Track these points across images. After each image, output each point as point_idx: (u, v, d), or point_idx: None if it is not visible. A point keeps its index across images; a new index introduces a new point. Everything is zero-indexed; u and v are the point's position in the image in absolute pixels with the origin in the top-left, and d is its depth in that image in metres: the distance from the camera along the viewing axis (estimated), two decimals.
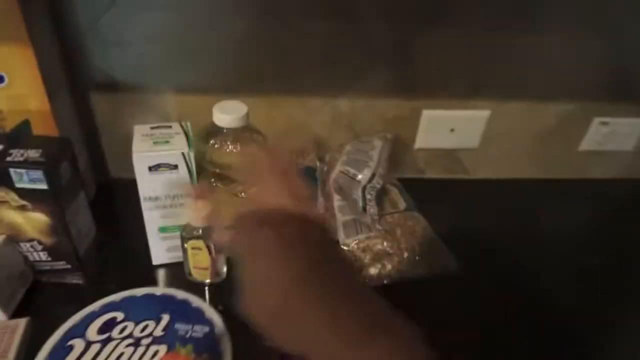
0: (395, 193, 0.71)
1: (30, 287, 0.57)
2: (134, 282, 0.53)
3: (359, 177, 0.68)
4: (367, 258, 0.59)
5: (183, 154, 0.54)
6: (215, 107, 0.55)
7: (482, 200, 0.80)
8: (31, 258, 0.56)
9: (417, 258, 0.61)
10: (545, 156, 0.86)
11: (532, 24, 0.70)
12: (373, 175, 0.68)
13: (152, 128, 0.58)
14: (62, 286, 0.58)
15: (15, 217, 0.52)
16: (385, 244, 0.59)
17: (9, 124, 0.58)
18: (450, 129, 0.80)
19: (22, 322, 0.51)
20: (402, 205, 0.69)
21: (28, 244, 0.54)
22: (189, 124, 0.59)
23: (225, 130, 0.56)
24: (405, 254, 0.61)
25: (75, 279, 0.58)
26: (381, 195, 0.69)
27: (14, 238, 0.54)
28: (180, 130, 0.58)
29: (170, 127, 0.58)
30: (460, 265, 0.63)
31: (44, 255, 0.55)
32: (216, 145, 0.56)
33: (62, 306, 0.50)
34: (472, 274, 0.62)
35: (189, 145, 0.55)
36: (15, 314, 0.53)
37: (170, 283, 0.60)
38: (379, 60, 0.72)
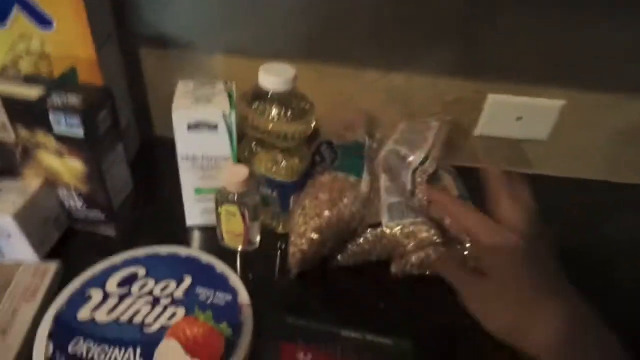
0: (448, 180, 0.65)
1: (64, 233, 0.56)
2: (166, 241, 0.52)
3: (411, 158, 0.63)
4: (410, 245, 0.54)
5: (224, 114, 0.51)
6: (262, 68, 0.52)
7: (544, 199, 0.72)
8: (67, 204, 0.55)
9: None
10: (624, 158, 0.76)
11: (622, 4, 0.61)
12: (426, 158, 0.63)
13: (195, 85, 0.55)
14: (95, 236, 0.58)
15: (54, 163, 0.52)
16: (432, 232, 0.53)
17: (57, 71, 0.57)
18: (517, 117, 0.72)
19: (53, 266, 0.51)
20: (454, 193, 0.63)
21: (65, 190, 0.54)
22: (233, 84, 0.56)
23: (270, 94, 0.52)
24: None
25: (108, 231, 0.57)
26: (433, 181, 0.63)
27: (52, 183, 0.54)
28: (223, 90, 0.55)
29: (215, 85, 0.56)
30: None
31: (79, 203, 0.55)
32: (260, 109, 0.53)
33: (93, 256, 0.49)
34: None
35: (232, 106, 0.52)
36: (47, 257, 0.53)
37: (202, 247, 0.58)
38: (445, 35, 0.65)
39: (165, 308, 0.38)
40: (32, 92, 0.48)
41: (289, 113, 0.52)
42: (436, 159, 0.64)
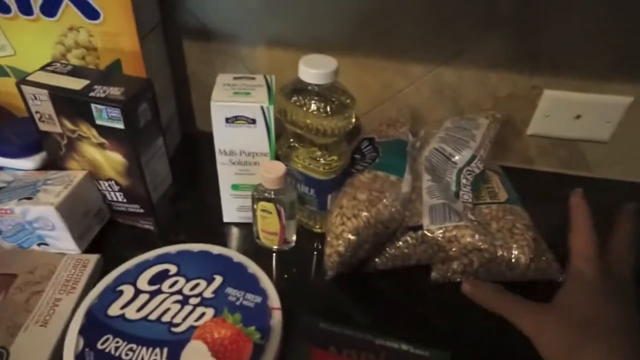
0: (496, 181, 0.61)
1: (105, 225, 0.57)
2: (202, 236, 0.51)
3: (456, 157, 0.59)
4: (452, 250, 0.51)
5: (262, 107, 0.50)
6: (302, 60, 0.50)
7: (603, 205, 0.66)
8: (108, 197, 0.56)
9: (512, 259, 0.51)
10: None
11: None
12: (473, 158, 0.59)
13: (235, 78, 0.54)
14: (135, 229, 0.58)
15: (96, 155, 0.52)
16: (476, 237, 0.50)
17: (104, 63, 0.58)
18: (575, 115, 0.67)
19: (93, 258, 0.52)
20: (503, 196, 0.59)
21: (106, 183, 0.55)
22: (273, 77, 0.55)
23: (310, 87, 0.50)
24: (499, 252, 0.52)
25: (148, 225, 0.58)
26: (479, 182, 0.59)
27: (94, 175, 0.54)
28: (263, 83, 0.54)
29: (254, 78, 0.54)
30: (565, 277, 0.52)
31: (120, 196, 0.55)
32: (298, 103, 0.51)
33: (132, 249, 0.49)
34: None
35: (270, 100, 0.50)
36: (88, 250, 0.54)
37: (238, 244, 0.58)
38: (498, 24, 0.61)
39: (194, 308, 0.37)
40: (77, 84, 0.49)
41: (329, 107, 0.50)
42: (484, 159, 0.60)
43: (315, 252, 0.57)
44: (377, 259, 0.54)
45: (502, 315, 0.43)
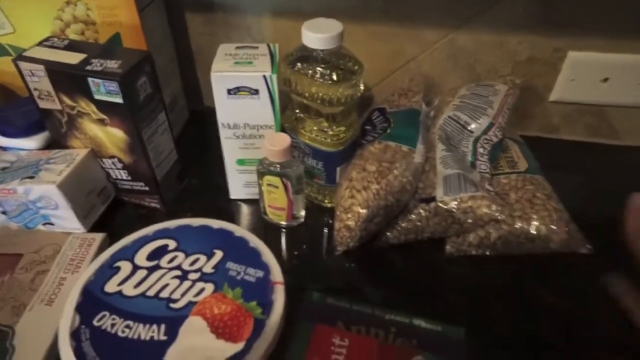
0: (515, 151, 0.58)
1: (111, 204, 0.57)
2: (209, 214, 0.49)
3: (472, 126, 0.56)
4: (467, 221, 0.48)
5: (265, 77, 0.48)
6: (305, 25, 0.47)
7: (633, 175, 0.63)
8: (112, 175, 0.55)
9: (532, 231, 0.48)
10: None
11: None
12: (490, 126, 0.56)
13: (237, 48, 0.52)
14: (141, 207, 0.58)
15: (97, 132, 0.51)
16: (493, 207, 0.47)
17: (102, 38, 0.57)
18: (602, 79, 0.62)
19: (98, 237, 0.51)
20: (523, 165, 0.55)
21: (109, 161, 0.53)
22: (276, 46, 0.52)
23: (314, 53, 0.48)
24: (519, 224, 0.49)
25: (154, 203, 0.57)
26: (497, 151, 0.56)
27: (97, 153, 0.53)
28: (266, 51, 0.51)
29: (257, 47, 0.52)
30: (590, 249, 0.49)
31: (124, 174, 0.54)
32: (303, 71, 0.48)
33: (138, 227, 0.48)
34: (601, 261, 0.48)
35: (273, 69, 0.48)
36: (94, 228, 0.53)
37: (245, 220, 0.56)
38: None
39: (193, 283, 0.36)
40: (74, 59, 0.48)
41: (335, 74, 0.47)
42: (502, 127, 0.56)
43: (325, 227, 0.55)
44: (388, 233, 0.51)
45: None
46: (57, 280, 0.46)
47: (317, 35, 0.46)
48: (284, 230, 0.55)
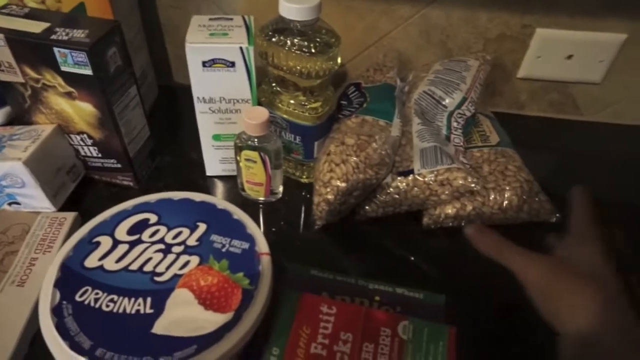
0: (487, 125, 0.59)
1: (81, 182, 0.54)
2: (185, 190, 0.49)
3: (446, 100, 0.57)
4: (444, 193, 0.49)
5: (241, 48, 0.47)
6: None
7: (595, 149, 0.66)
8: (82, 152, 0.53)
9: (505, 201, 0.50)
10: None
11: None
12: (463, 100, 0.57)
13: (210, 19, 0.51)
14: (113, 186, 0.56)
15: (64, 106, 0.49)
16: (469, 179, 0.49)
17: (65, 7, 0.54)
18: (567, 56, 0.64)
19: (70, 216, 0.49)
20: (494, 139, 0.57)
21: (78, 137, 0.51)
22: (252, 18, 0.51)
23: (292, 25, 0.47)
24: (492, 196, 0.50)
25: (126, 180, 0.55)
26: (470, 125, 0.57)
27: (64, 129, 0.51)
28: (242, 23, 0.50)
29: (232, 19, 0.51)
30: (558, 218, 0.52)
31: (94, 151, 0.52)
32: (280, 43, 0.48)
33: (111, 205, 0.47)
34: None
35: (250, 41, 0.47)
36: (64, 208, 0.51)
37: (223, 197, 0.55)
38: None
39: (177, 256, 0.35)
40: (36, 27, 0.45)
41: (312, 46, 0.47)
42: (475, 102, 0.58)
43: (303, 203, 0.55)
44: (367, 207, 0.52)
45: (497, 261, 0.41)
46: (27, 261, 0.44)
47: (295, 6, 0.45)
48: (261, 206, 0.55)
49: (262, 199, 0.54)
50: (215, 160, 0.56)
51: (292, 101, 0.52)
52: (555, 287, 0.35)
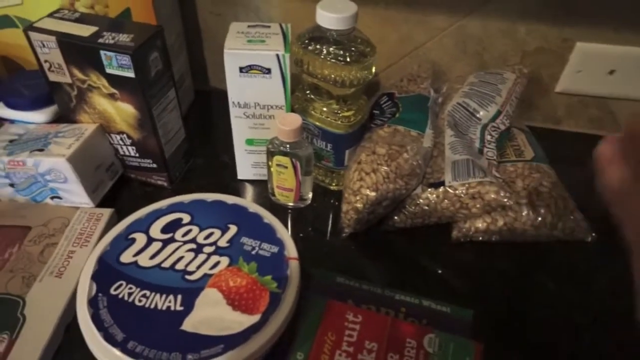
0: (522, 139, 0.58)
1: (118, 180, 0.56)
2: (216, 193, 0.50)
3: (481, 113, 0.56)
4: (475, 207, 0.49)
5: (278, 55, 0.48)
6: (319, 4, 0.47)
7: None
8: (121, 151, 0.55)
9: (538, 218, 0.49)
10: None
11: None
12: (498, 113, 0.56)
13: (249, 26, 0.52)
14: (147, 185, 0.58)
15: (107, 106, 0.51)
16: (502, 193, 0.48)
17: (112, 12, 0.56)
18: (609, 71, 0.63)
19: (106, 212, 0.51)
20: (529, 154, 0.56)
21: (118, 136, 0.53)
22: (289, 25, 0.52)
23: (328, 34, 0.48)
24: (525, 211, 0.49)
25: (160, 180, 0.57)
26: (504, 139, 0.56)
27: (106, 129, 0.53)
28: (279, 31, 0.51)
29: (269, 27, 0.52)
30: (594, 238, 0.50)
31: (132, 150, 0.54)
32: (316, 52, 0.48)
33: (145, 204, 0.48)
34: (605, 250, 0.49)
35: (286, 48, 0.48)
36: (101, 204, 0.53)
37: (253, 201, 0.56)
38: None
39: (208, 256, 0.36)
40: (85, 31, 0.47)
41: (348, 55, 0.47)
42: (510, 115, 0.57)
43: (332, 210, 0.56)
44: (395, 217, 0.52)
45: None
46: (66, 253, 0.46)
47: (332, 15, 0.46)
48: (290, 211, 0.55)
49: (291, 204, 0.55)
50: (247, 164, 0.57)
51: (325, 109, 0.52)
52: None
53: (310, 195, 0.56)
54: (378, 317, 0.36)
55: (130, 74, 0.46)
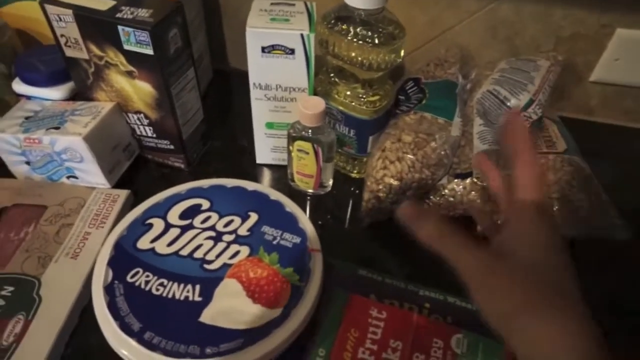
0: (554, 130, 0.56)
1: (135, 161, 0.55)
2: (234, 177, 0.48)
3: (512, 101, 0.53)
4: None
5: (302, 35, 0.45)
6: None
7: None
8: (138, 132, 0.54)
9: (570, 213, 0.47)
10: None
11: None
12: (531, 102, 0.53)
13: (272, 4, 0.49)
14: (164, 167, 0.56)
15: (124, 84, 0.49)
16: None
17: None
18: None
19: (123, 193, 0.50)
20: (561, 146, 0.53)
21: (135, 116, 0.52)
22: (314, 4, 0.50)
23: (356, 14, 0.45)
24: (556, 206, 0.47)
25: (178, 162, 0.55)
26: (535, 129, 0.54)
27: (123, 108, 0.52)
28: (304, 9, 0.49)
29: (294, 5, 0.49)
30: (628, 235, 0.48)
31: (149, 131, 0.53)
32: (343, 32, 0.46)
33: (162, 186, 0.47)
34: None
35: (311, 28, 0.46)
36: (118, 185, 0.52)
37: (271, 186, 0.55)
38: None
39: (227, 245, 0.35)
40: (103, 5, 0.45)
41: (376, 37, 0.45)
42: (543, 105, 0.54)
43: (352, 198, 0.54)
44: None
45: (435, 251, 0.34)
46: (81, 235, 0.45)
47: None
48: (309, 198, 0.54)
49: (310, 191, 0.53)
50: (266, 149, 0.56)
51: (349, 92, 0.50)
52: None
53: (330, 182, 0.54)
54: (403, 314, 0.34)
55: (149, 51, 0.44)
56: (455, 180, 0.48)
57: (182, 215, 0.37)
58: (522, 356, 0.26)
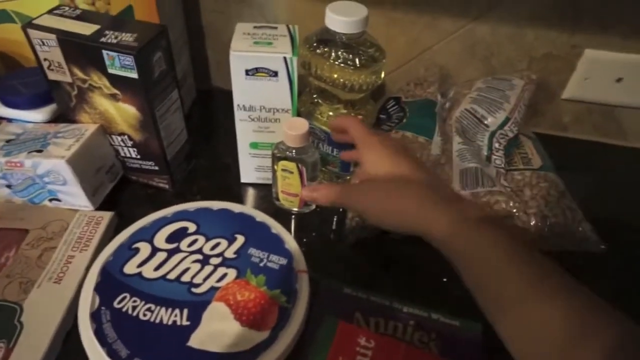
0: (529, 147, 0.58)
1: (118, 182, 0.55)
2: (219, 197, 0.49)
3: (489, 120, 0.56)
4: None
5: (285, 58, 0.46)
6: (330, 7, 0.46)
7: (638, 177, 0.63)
8: (121, 153, 0.54)
9: (546, 229, 0.49)
10: None
11: None
12: (506, 120, 0.55)
13: (255, 27, 0.50)
14: (149, 187, 0.56)
15: (108, 107, 0.49)
16: (511, 203, 0.47)
17: (114, 9, 0.54)
18: (616, 79, 0.62)
19: (107, 215, 0.50)
20: (537, 162, 0.55)
21: (119, 138, 0.52)
22: (296, 27, 0.51)
23: (337, 37, 0.47)
24: (533, 221, 0.49)
25: (162, 183, 0.55)
26: (512, 147, 0.56)
27: (107, 129, 0.52)
28: (286, 32, 0.50)
29: (276, 28, 0.51)
30: (603, 249, 0.50)
31: (133, 152, 0.53)
32: (325, 55, 0.47)
33: (146, 208, 0.47)
34: (615, 261, 0.48)
35: (294, 51, 0.47)
36: (101, 207, 0.52)
37: (256, 205, 0.55)
38: None
39: (215, 268, 0.35)
40: (86, 29, 0.46)
41: (357, 60, 0.46)
42: (518, 122, 0.56)
43: (337, 216, 0.55)
44: None
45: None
46: (64, 258, 0.45)
47: (342, 18, 0.45)
48: (293, 216, 0.54)
49: (295, 209, 0.54)
50: (250, 168, 0.56)
51: (331, 113, 0.51)
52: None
53: None
54: (391, 344, 0.35)
55: (133, 75, 0.45)
56: None
57: (169, 239, 0.37)
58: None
